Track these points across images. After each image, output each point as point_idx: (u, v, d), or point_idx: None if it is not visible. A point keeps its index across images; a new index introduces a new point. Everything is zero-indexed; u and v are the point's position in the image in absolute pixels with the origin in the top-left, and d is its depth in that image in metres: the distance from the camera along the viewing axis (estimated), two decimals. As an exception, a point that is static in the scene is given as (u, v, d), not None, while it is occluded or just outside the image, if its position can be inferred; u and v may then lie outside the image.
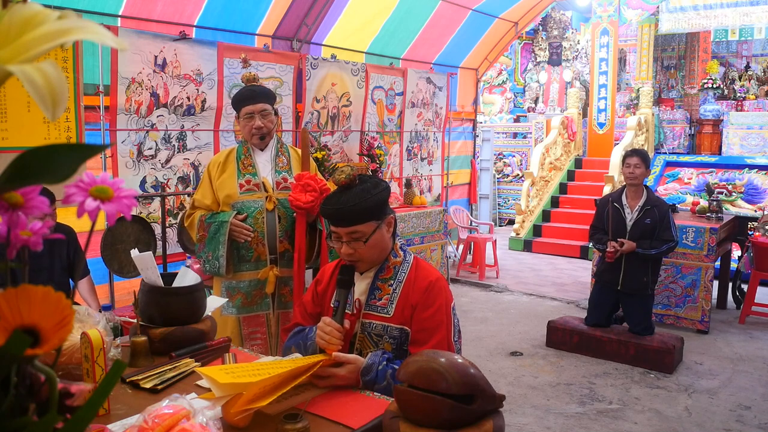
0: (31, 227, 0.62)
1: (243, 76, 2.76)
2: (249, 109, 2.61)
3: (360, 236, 1.71)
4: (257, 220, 2.59)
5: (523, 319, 5.48)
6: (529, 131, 10.99)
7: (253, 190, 2.62)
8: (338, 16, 5.58)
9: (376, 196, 1.71)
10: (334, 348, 1.60)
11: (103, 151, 1.62)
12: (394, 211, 1.90)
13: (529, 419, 3.48)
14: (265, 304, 2.67)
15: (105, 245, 3.48)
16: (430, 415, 1.27)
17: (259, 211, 2.60)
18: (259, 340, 2.66)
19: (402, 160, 6.64)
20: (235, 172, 2.64)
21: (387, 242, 1.78)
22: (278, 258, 2.63)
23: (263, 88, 2.71)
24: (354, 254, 1.73)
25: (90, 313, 1.60)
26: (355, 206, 1.69)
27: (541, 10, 7.99)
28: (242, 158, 2.67)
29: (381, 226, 1.74)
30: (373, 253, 1.75)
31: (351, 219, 1.70)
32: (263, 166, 2.68)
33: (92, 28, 0.49)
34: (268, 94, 2.69)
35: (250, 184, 2.62)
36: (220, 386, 1.33)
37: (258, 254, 2.61)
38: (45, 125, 3.45)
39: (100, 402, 0.55)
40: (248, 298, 2.65)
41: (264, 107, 2.62)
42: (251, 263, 2.62)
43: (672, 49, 12.40)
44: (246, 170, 2.65)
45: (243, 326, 2.66)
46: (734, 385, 4.02)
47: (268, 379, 1.37)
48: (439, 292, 1.74)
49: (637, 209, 4.29)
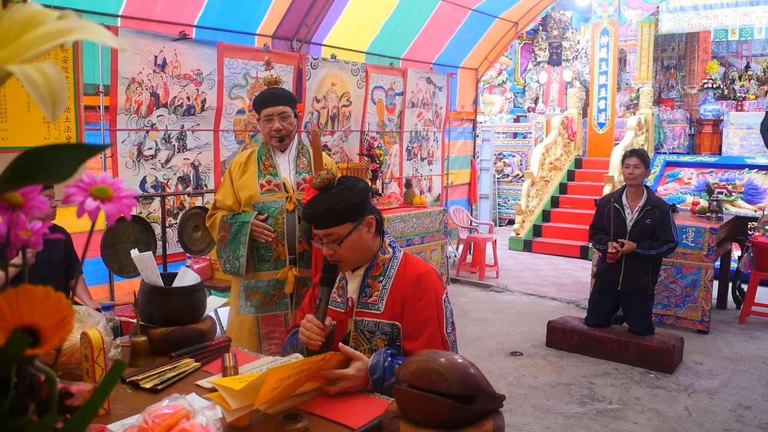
0: (31, 227, 0.62)
1: (265, 79, 2.79)
2: (268, 111, 2.62)
3: (336, 238, 1.74)
4: (277, 221, 2.62)
5: (523, 319, 5.48)
6: (529, 131, 10.98)
7: (274, 190, 2.65)
8: (338, 16, 5.58)
9: (350, 199, 1.73)
10: (315, 344, 1.64)
11: (103, 151, 1.62)
12: (381, 211, 1.91)
13: (529, 419, 3.48)
14: (283, 304, 2.69)
15: (105, 245, 3.47)
16: (431, 415, 1.27)
17: (280, 211, 2.62)
18: (277, 340, 2.68)
19: (402, 160, 6.64)
20: (256, 172, 2.66)
21: (368, 243, 1.79)
22: (297, 258, 2.65)
23: (284, 91, 2.72)
24: (334, 255, 1.76)
25: (90, 313, 1.60)
26: (327, 209, 1.72)
27: (541, 10, 7.99)
28: (263, 159, 2.69)
29: (359, 228, 1.75)
30: (353, 254, 1.77)
31: (325, 221, 1.73)
32: (284, 167, 2.71)
33: (92, 28, 0.49)
34: (289, 96, 2.70)
35: (270, 185, 2.65)
36: (235, 398, 1.32)
37: (278, 254, 2.63)
38: (45, 125, 3.45)
39: (100, 402, 0.55)
40: (267, 298, 2.67)
41: (283, 110, 2.63)
42: (271, 263, 2.64)
43: (672, 49, 12.40)
44: (267, 171, 2.67)
45: (261, 325, 2.68)
46: (734, 385, 4.02)
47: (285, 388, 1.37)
48: (427, 284, 1.75)
49: (637, 210, 4.28)
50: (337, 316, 1.80)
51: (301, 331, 1.69)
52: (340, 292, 1.84)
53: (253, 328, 2.67)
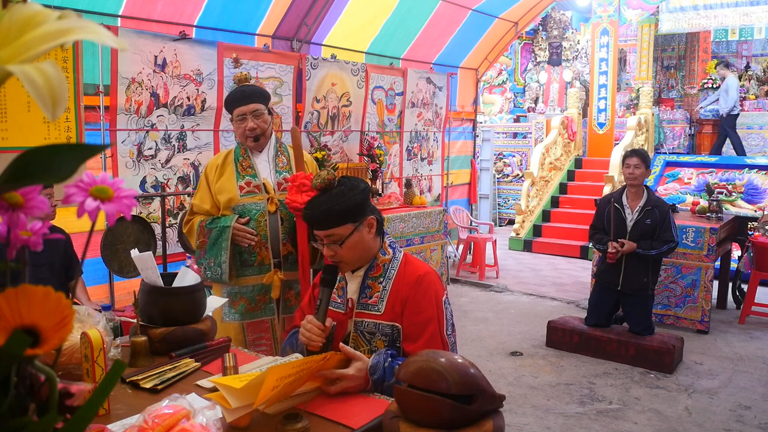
0: (31, 227, 0.62)
1: (235, 77, 2.66)
2: (241, 110, 2.52)
3: (337, 239, 1.73)
4: (259, 223, 2.51)
5: (523, 319, 5.48)
6: (529, 131, 10.98)
7: (254, 192, 2.55)
8: (338, 16, 5.58)
9: (351, 199, 1.72)
10: (315, 345, 1.64)
11: (103, 151, 1.62)
12: (382, 211, 1.90)
13: (529, 419, 3.48)
14: (269, 309, 2.60)
15: (105, 245, 3.48)
16: (430, 415, 1.27)
17: (261, 213, 2.52)
18: (264, 346, 2.61)
19: (402, 160, 6.64)
20: (234, 174, 2.56)
21: (369, 243, 1.78)
22: (282, 261, 2.56)
23: (255, 88, 2.61)
24: (335, 255, 1.75)
25: (90, 313, 1.60)
26: (329, 210, 1.71)
27: (541, 10, 7.99)
28: (240, 160, 2.58)
29: (359, 228, 1.74)
30: (353, 255, 1.76)
31: (326, 222, 1.72)
32: (263, 167, 2.60)
33: (92, 28, 0.49)
34: (261, 93, 2.59)
35: (250, 186, 2.55)
36: (236, 396, 1.32)
37: (261, 258, 2.54)
38: (45, 125, 3.45)
39: (100, 402, 0.55)
40: (252, 304, 2.57)
41: (256, 107, 2.52)
42: (255, 268, 2.54)
43: (672, 49, 12.40)
44: (245, 172, 2.57)
45: (247, 333, 2.58)
46: (734, 385, 4.02)
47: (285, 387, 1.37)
48: (428, 285, 1.74)
49: (637, 210, 4.28)
50: (336, 316, 1.79)
51: (301, 332, 1.68)
52: (340, 292, 1.83)
53: (239, 336, 2.55)
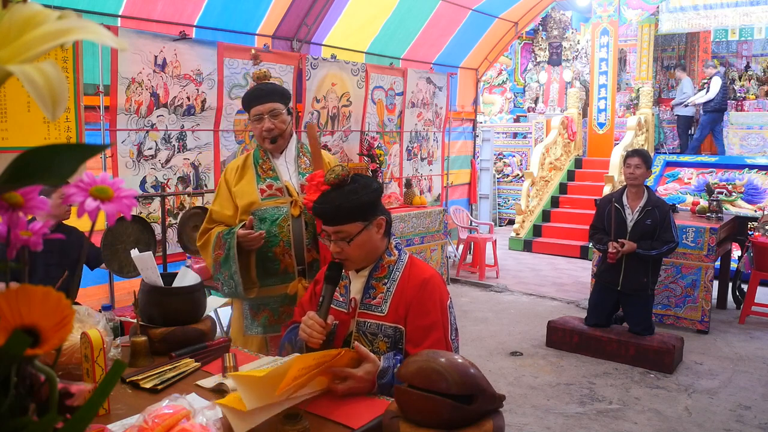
0: (31, 227, 0.62)
1: (254, 74, 2.50)
2: (257, 109, 2.37)
3: (345, 236, 1.71)
4: (282, 229, 2.34)
5: (523, 319, 5.47)
6: (529, 131, 10.98)
7: (276, 195, 2.38)
8: (338, 16, 5.58)
9: (363, 198, 1.71)
10: (316, 342, 1.62)
11: (103, 151, 1.62)
12: (390, 212, 1.89)
13: (529, 419, 3.48)
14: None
15: (105, 245, 3.47)
16: (430, 415, 1.27)
17: (284, 218, 2.34)
18: None
19: (402, 160, 6.64)
20: (254, 177, 2.40)
21: (376, 243, 1.77)
22: (306, 269, 2.37)
23: (273, 86, 2.44)
24: (342, 253, 1.74)
25: (90, 313, 1.60)
26: (340, 206, 1.69)
27: (541, 10, 7.99)
28: (260, 162, 2.43)
29: (369, 228, 1.73)
30: (360, 254, 1.75)
31: (336, 218, 1.71)
32: (283, 169, 2.44)
33: (92, 28, 0.49)
34: (280, 92, 2.42)
35: (272, 189, 2.38)
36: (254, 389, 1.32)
37: (285, 266, 2.35)
38: (45, 125, 3.45)
39: (100, 402, 0.55)
40: (275, 316, 2.40)
41: (273, 107, 2.36)
42: (278, 276, 2.36)
43: (672, 49, 12.40)
44: (266, 174, 2.40)
45: (270, 347, 2.39)
46: (734, 385, 4.01)
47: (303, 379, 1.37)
48: (433, 289, 1.73)
49: (638, 210, 4.28)
50: (339, 315, 1.78)
51: (302, 328, 1.66)
52: (343, 291, 1.83)
53: (262, 351, 2.34)
